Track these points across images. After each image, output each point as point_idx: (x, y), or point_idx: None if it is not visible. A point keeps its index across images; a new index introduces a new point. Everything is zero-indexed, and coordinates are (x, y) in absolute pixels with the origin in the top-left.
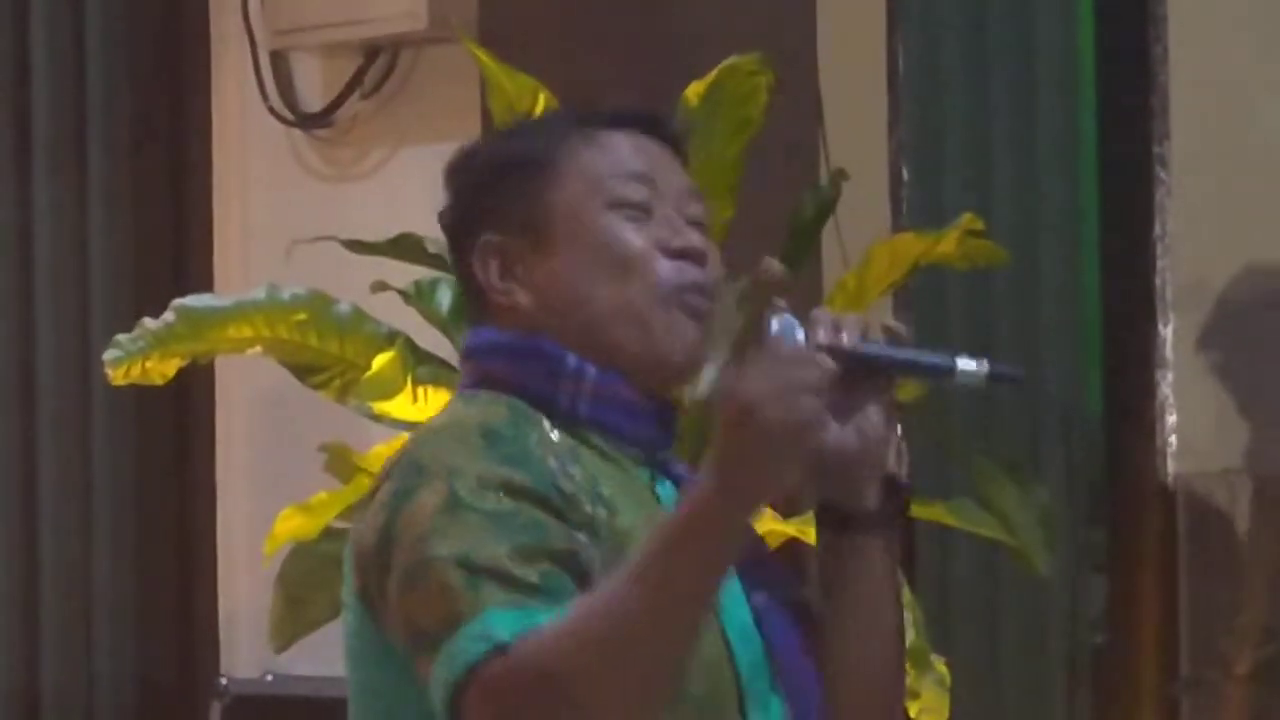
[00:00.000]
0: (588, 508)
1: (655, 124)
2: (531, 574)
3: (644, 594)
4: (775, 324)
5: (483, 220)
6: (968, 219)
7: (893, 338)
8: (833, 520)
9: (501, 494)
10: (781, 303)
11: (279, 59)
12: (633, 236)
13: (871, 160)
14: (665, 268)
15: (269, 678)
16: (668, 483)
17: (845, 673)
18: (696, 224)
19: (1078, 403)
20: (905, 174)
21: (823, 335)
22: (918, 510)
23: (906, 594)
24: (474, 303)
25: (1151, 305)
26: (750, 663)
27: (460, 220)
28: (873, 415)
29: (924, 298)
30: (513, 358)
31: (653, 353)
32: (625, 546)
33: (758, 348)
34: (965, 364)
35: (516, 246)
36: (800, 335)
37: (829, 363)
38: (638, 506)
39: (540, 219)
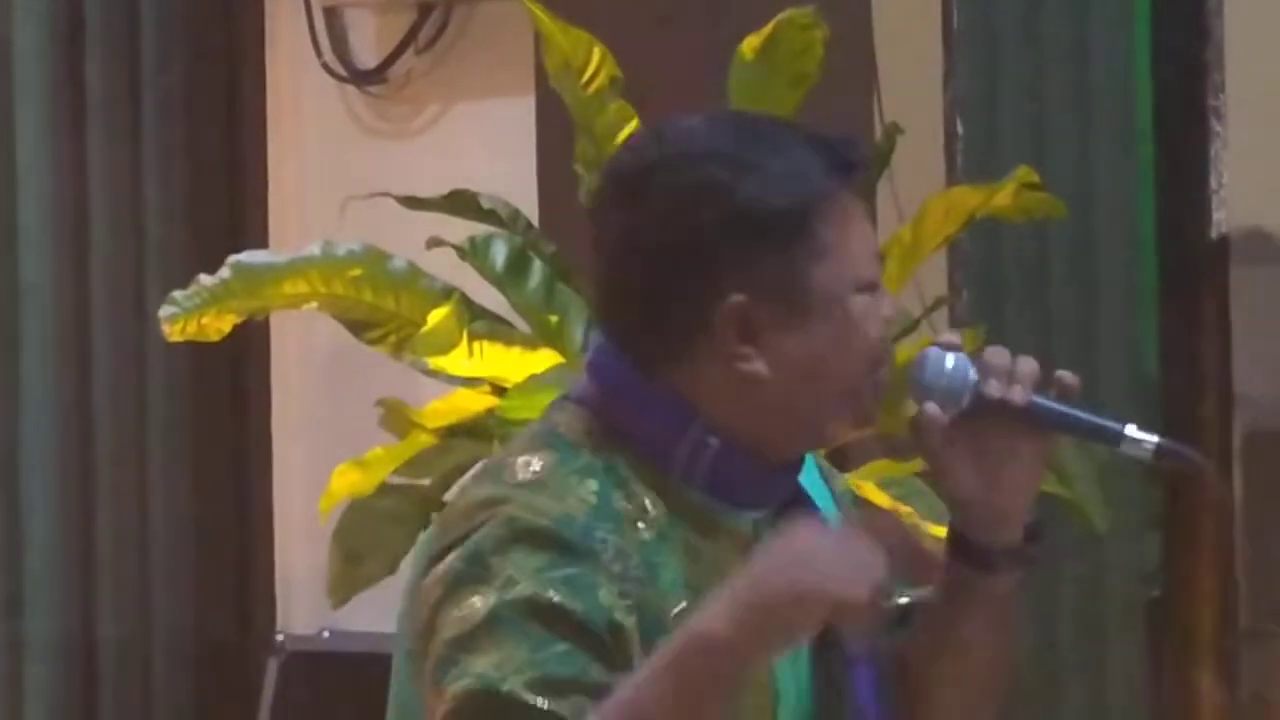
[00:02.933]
0: (630, 648)
1: (863, 170)
2: (559, 707)
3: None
4: (950, 361)
5: (729, 275)
6: (1023, 172)
7: (1061, 391)
8: (966, 554)
9: (547, 620)
10: (954, 339)
11: (333, 15)
12: (873, 321)
13: (926, 114)
14: (884, 352)
15: (325, 634)
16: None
17: (937, 711)
18: None
19: (1134, 357)
20: (960, 128)
21: (995, 387)
22: None
23: None
24: (670, 344)
25: (1207, 258)
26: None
27: (693, 261)
28: (1026, 460)
29: (979, 252)
30: (638, 407)
31: (847, 434)
32: None
33: (921, 383)
34: (1134, 434)
35: (765, 312)
36: (972, 377)
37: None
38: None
39: (799, 291)
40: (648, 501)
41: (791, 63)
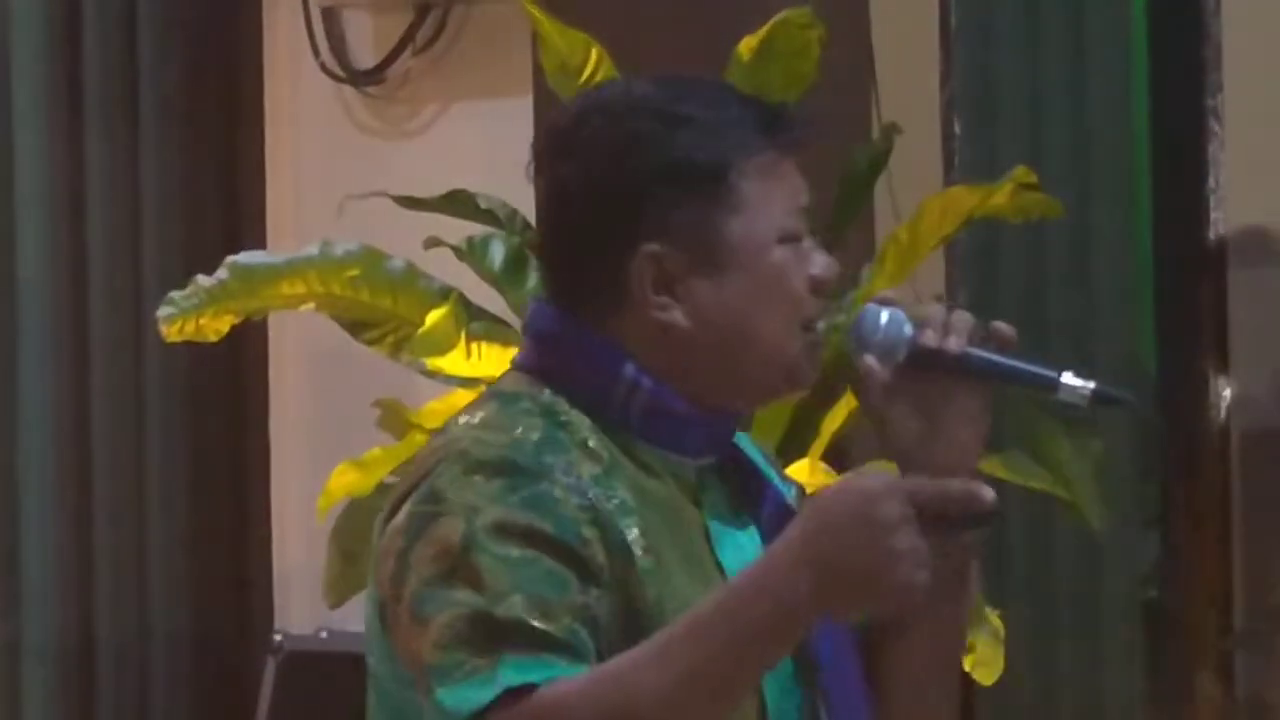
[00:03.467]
0: (600, 558)
1: (797, 131)
2: (553, 628)
3: (684, 672)
4: (885, 315)
5: (647, 224)
6: (1021, 172)
7: (1000, 342)
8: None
9: (521, 541)
10: (891, 294)
11: (331, 15)
12: (796, 273)
13: (923, 114)
14: (813, 306)
15: (323, 634)
16: (712, 491)
17: (901, 683)
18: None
19: (1131, 356)
20: (957, 128)
21: (930, 337)
22: None
23: None
24: (598, 293)
25: (1204, 258)
26: (778, 689)
27: (616, 209)
28: (966, 414)
29: (976, 252)
30: (573, 354)
31: (779, 389)
32: (645, 576)
33: (859, 338)
34: (1069, 380)
35: (680, 262)
36: (908, 331)
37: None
38: (669, 530)
39: (715, 242)
40: (591, 441)
41: (789, 63)
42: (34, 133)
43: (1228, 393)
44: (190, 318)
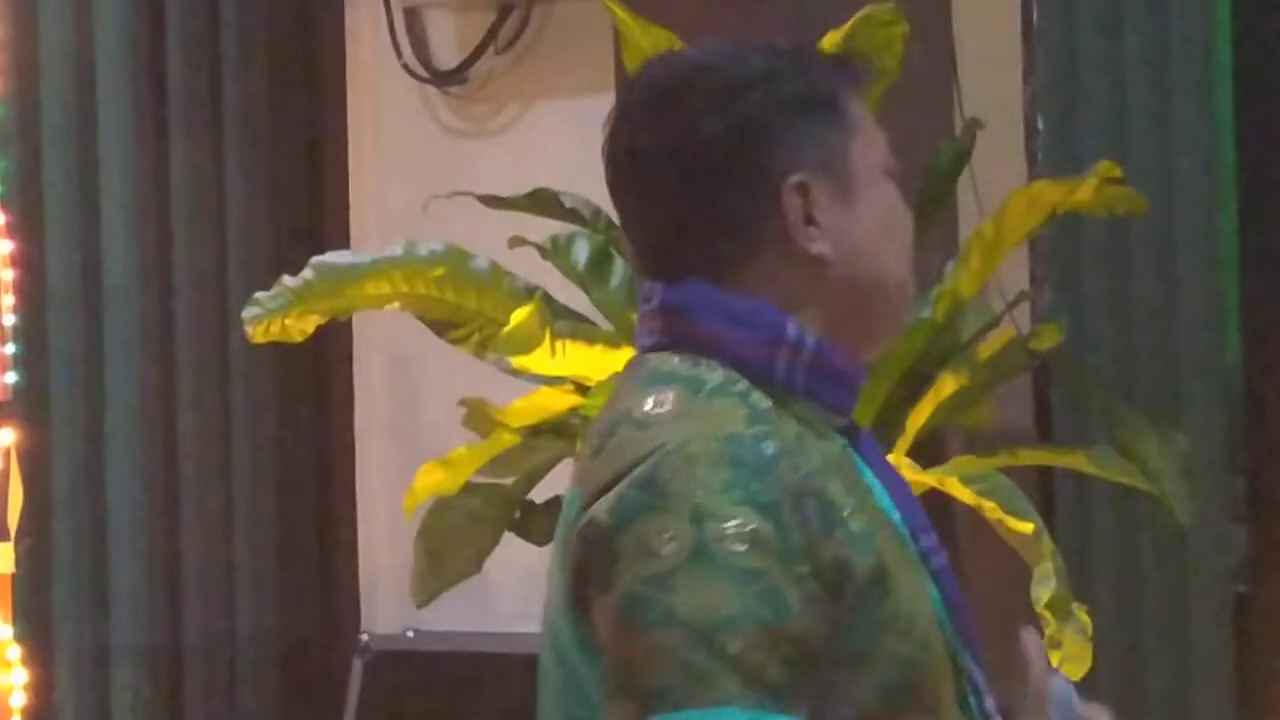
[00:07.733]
0: (827, 556)
1: (858, 67)
2: (772, 668)
3: None
4: (1060, 685)
5: (784, 155)
6: (1105, 166)
7: None
8: None
9: (749, 548)
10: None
11: (413, 16)
12: (904, 208)
13: (1006, 109)
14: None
15: (410, 634)
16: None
17: None
18: None
19: (1217, 350)
20: (1040, 123)
21: None
22: (1058, 458)
23: (1047, 543)
24: (737, 235)
25: None
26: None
27: (749, 147)
28: None
29: (1060, 247)
30: (731, 321)
31: (894, 327)
32: (876, 574)
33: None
34: None
35: (820, 191)
36: (1076, 707)
37: None
38: (856, 496)
39: (844, 168)
40: (774, 415)
41: (872, 59)
42: (119, 137)
43: None
44: (276, 319)
